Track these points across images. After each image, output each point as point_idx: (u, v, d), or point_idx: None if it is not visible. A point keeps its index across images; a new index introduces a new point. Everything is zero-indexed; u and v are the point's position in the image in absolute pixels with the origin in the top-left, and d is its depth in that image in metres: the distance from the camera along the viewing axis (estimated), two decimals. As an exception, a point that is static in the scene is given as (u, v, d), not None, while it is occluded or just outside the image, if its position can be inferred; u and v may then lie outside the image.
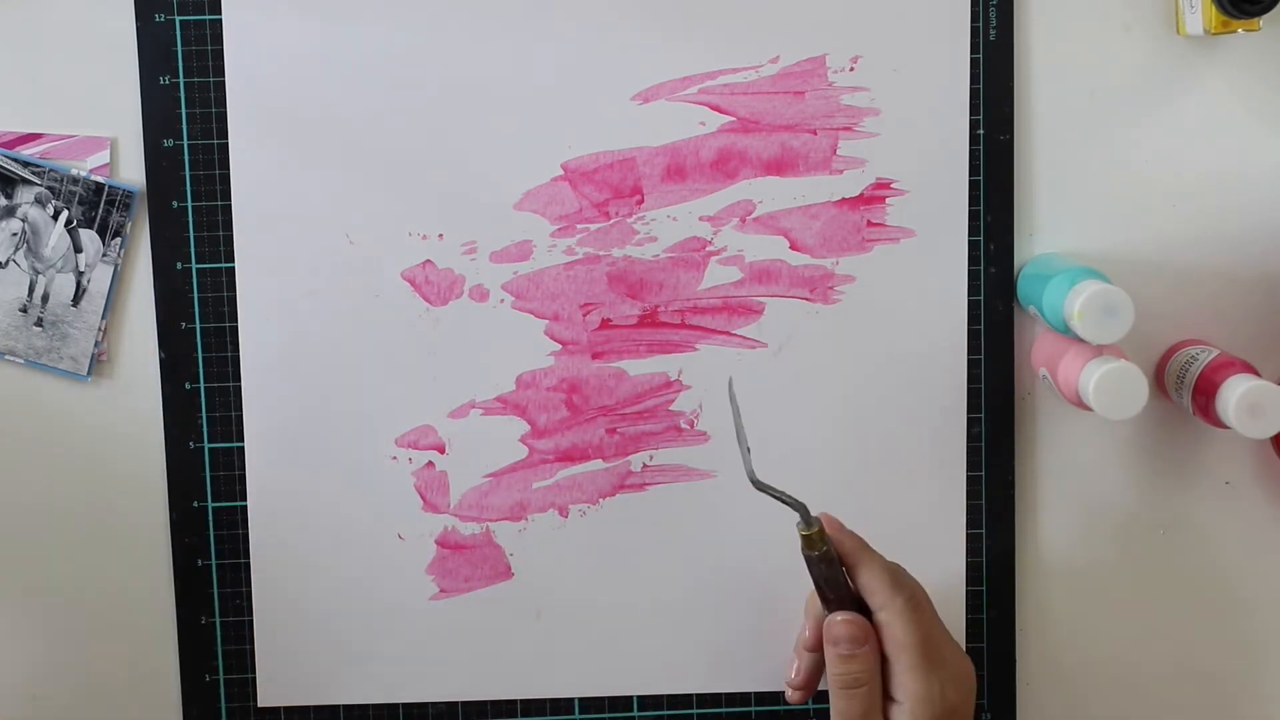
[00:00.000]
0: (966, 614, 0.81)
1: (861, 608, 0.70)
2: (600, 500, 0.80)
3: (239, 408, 0.79)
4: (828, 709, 0.79)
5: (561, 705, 0.81)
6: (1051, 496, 0.81)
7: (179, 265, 0.79)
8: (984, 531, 0.80)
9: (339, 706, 0.81)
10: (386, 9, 0.77)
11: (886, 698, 0.69)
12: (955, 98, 0.78)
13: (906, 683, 0.68)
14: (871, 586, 0.70)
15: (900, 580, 0.70)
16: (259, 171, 0.78)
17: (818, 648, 0.73)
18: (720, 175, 0.77)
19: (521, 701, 0.81)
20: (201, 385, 0.79)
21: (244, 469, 0.80)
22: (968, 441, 0.80)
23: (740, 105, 0.77)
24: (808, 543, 0.69)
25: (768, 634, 0.81)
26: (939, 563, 0.80)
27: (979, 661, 0.81)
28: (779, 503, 0.69)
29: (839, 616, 0.69)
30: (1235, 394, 0.72)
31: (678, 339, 0.79)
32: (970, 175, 0.78)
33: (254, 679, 0.81)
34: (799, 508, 0.69)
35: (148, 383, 0.80)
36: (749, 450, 0.70)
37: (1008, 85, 0.78)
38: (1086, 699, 0.82)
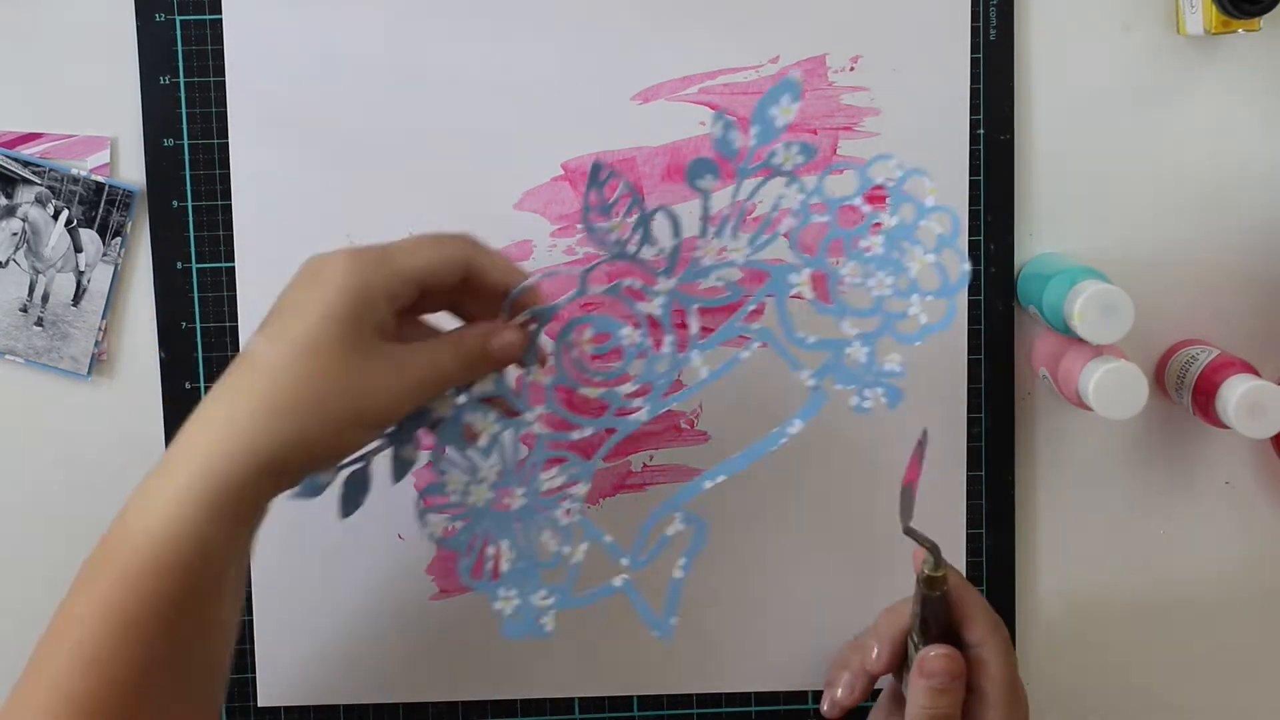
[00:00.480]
0: (967, 614, 0.81)
1: (949, 641, 0.70)
2: (600, 500, 0.80)
3: (239, 408, 0.79)
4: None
5: (561, 705, 0.81)
6: (1051, 496, 0.81)
7: (179, 265, 0.79)
8: (984, 531, 0.80)
9: (339, 706, 0.81)
10: (386, 9, 0.77)
11: None
12: (955, 98, 0.78)
13: (996, 718, 0.69)
14: (976, 623, 0.70)
15: (997, 618, 0.70)
16: (259, 171, 0.78)
17: (887, 671, 0.73)
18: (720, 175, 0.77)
19: (521, 701, 0.81)
20: (201, 385, 0.79)
21: (244, 469, 0.80)
22: (968, 441, 0.80)
23: (740, 105, 0.77)
24: (930, 583, 0.69)
25: (768, 634, 0.81)
26: (939, 563, 0.80)
27: (979, 661, 0.81)
28: (916, 543, 0.68)
29: (937, 650, 0.69)
30: (1235, 394, 0.72)
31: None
32: (970, 175, 0.78)
33: (254, 679, 0.81)
34: (935, 550, 0.69)
35: (148, 383, 0.80)
36: (911, 503, 0.69)
37: (1008, 85, 0.78)
38: (1086, 699, 0.82)
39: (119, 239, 0.78)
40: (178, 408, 0.79)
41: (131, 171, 0.79)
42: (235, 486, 0.61)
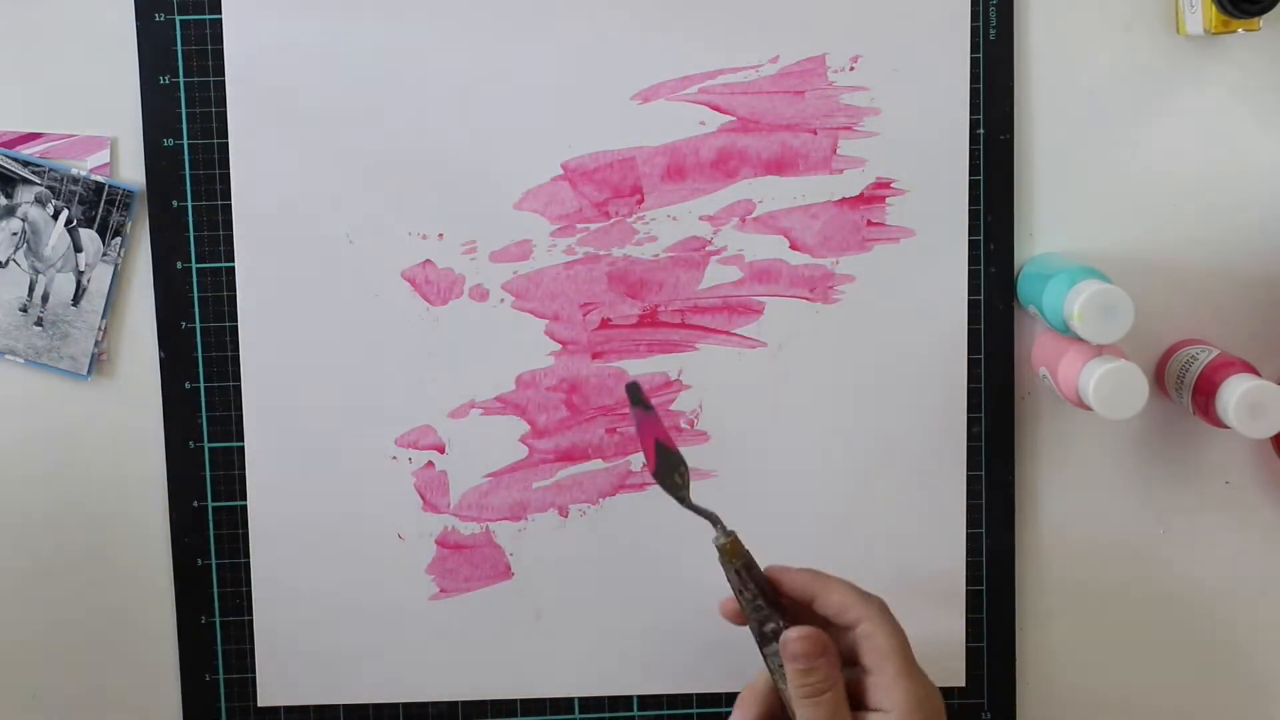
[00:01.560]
0: (966, 614, 0.81)
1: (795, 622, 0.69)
2: (600, 500, 0.80)
3: (239, 408, 0.79)
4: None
5: (561, 705, 0.81)
6: (1051, 496, 0.81)
7: (179, 265, 0.79)
8: (984, 531, 0.80)
9: (339, 706, 0.81)
10: (386, 9, 0.77)
11: (866, 709, 0.67)
12: (955, 97, 0.78)
13: (894, 690, 0.66)
14: (844, 603, 0.68)
15: (865, 592, 0.69)
16: (259, 171, 0.78)
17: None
18: (720, 175, 0.77)
19: (521, 701, 0.81)
20: (201, 385, 0.79)
21: (244, 469, 0.80)
22: (968, 441, 0.80)
23: (740, 105, 0.77)
24: (729, 552, 0.68)
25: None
26: (939, 563, 0.80)
27: (979, 661, 0.81)
28: (696, 515, 0.69)
29: (794, 633, 0.67)
30: (1235, 394, 0.72)
31: (678, 339, 0.79)
32: (970, 175, 0.78)
33: (254, 679, 0.81)
34: (711, 517, 0.68)
35: (148, 383, 0.80)
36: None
37: (1008, 85, 0.78)
38: (1086, 699, 0.82)
39: (119, 239, 0.78)
40: (178, 408, 0.79)
41: (131, 171, 0.78)
42: None
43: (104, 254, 0.78)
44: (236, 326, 0.79)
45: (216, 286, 0.79)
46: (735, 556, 0.68)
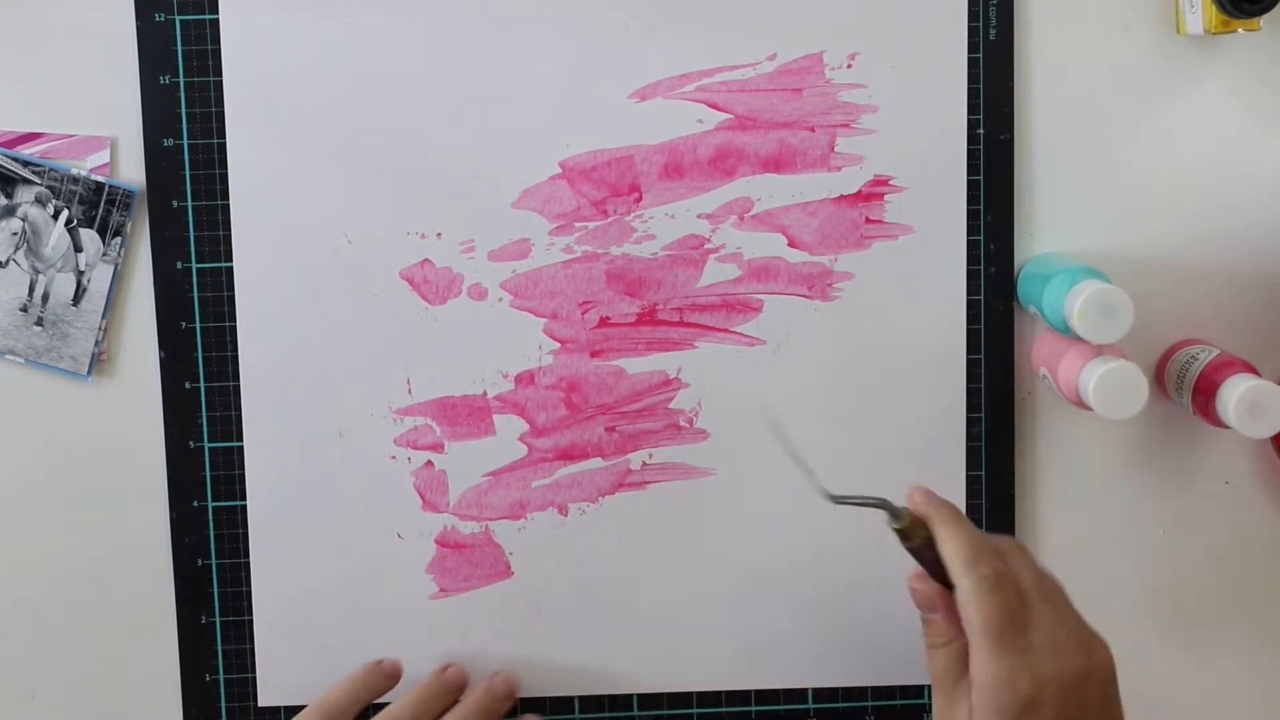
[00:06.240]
0: (966, 614, 0.80)
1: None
2: (600, 498, 0.80)
3: (238, 407, 0.79)
4: (825, 709, 0.80)
5: (561, 704, 0.81)
6: (1051, 496, 0.81)
7: (179, 265, 0.79)
8: (983, 531, 0.80)
9: (338, 706, 0.81)
10: (384, 8, 0.77)
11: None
12: (952, 94, 0.78)
13: (972, 665, 0.66)
14: (949, 566, 0.67)
15: (975, 559, 0.67)
16: (257, 171, 0.78)
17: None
18: (718, 173, 0.77)
19: (521, 700, 0.81)
20: (201, 385, 0.79)
21: (244, 469, 0.80)
22: (968, 441, 0.80)
23: (738, 103, 0.77)
24: (902, 535, 0.68)
25: (768, 632, 0.81)
26: (939, 563, 0.80)
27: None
28: (863, 507, 0.68)
29: (912, 583, 0.69)
30: (1235, 394, 0.72)
31: (676, 337, 0.79)
32: (970, 175, 0.78)
33: (254, 679, 0.81)
34: (882, 505, 0.68)
35: (148, 383, 0.80)
36: (813, 470, 0.69)
37: (1008, 85, 0.78)
38: (1087, 699, 0.82)
39: (119, 239, 0.78)
40: (178, 408, 0.79)
41: (131, 171, 0.79)
42: None
43: (104, 254, 0.78)
44: (236, 326, 0.79)
45: (216, 286, 0.79)
46: (913, 537, 0.68)
